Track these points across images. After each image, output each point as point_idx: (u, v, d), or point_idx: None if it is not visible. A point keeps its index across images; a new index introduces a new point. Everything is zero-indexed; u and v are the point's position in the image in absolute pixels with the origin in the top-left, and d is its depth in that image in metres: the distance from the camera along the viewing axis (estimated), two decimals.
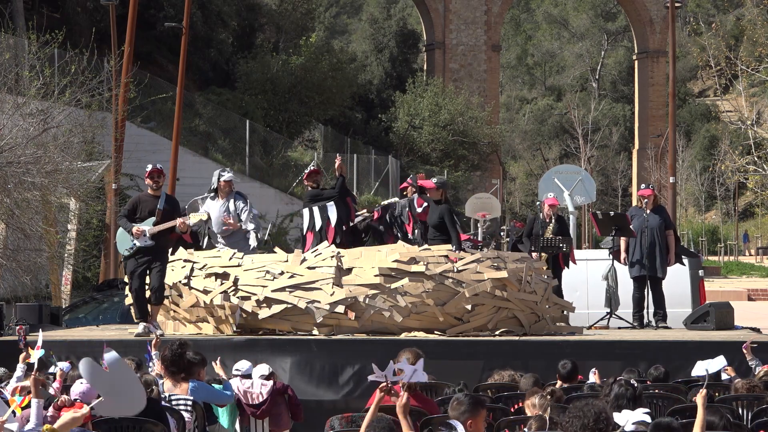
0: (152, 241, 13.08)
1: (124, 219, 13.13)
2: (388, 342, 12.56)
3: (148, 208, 13.19)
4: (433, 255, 13.44)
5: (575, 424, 6.56)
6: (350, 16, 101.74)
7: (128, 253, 13.09)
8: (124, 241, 13.16)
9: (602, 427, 6.58)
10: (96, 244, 27.01)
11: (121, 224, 13.13)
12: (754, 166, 31.54)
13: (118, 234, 13.28)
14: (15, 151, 18.97)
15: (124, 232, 13.15)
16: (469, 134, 52.98)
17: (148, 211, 13.16)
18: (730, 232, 71.93)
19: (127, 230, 13.05)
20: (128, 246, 13.06)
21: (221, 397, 9.54)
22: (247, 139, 40.54)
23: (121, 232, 13.21)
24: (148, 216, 13.13)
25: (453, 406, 6.97)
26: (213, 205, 14.63)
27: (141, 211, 13.20)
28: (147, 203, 13.24)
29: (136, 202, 13.32)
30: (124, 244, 13.16)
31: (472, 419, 6.87)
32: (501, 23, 62.91)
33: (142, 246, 13.02)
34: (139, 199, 13.33)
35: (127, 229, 13.06)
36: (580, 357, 11.84)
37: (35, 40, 21.91)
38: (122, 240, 13.17)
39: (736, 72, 36.65)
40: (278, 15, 51.90)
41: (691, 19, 73.33)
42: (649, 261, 15.57)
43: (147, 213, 13.16)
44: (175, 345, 9.36)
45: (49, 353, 10.13)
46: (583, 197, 32.97)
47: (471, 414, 6.87)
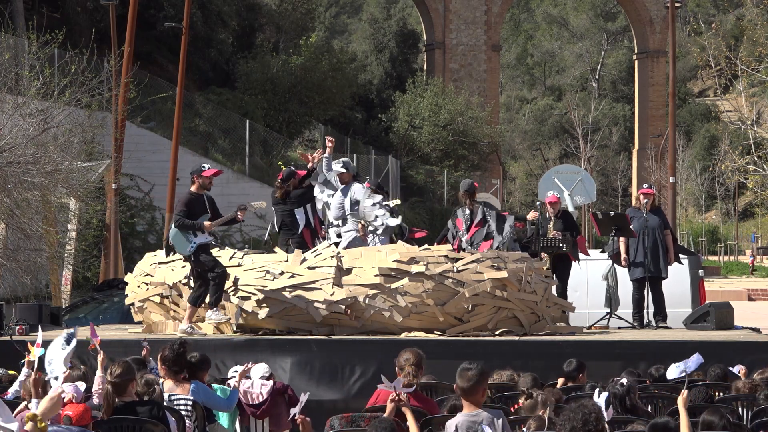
0: (211, 236, 13.10)
1: (185, 219, 12.95)
2: (388, 342, 12.57)
3: (199, 206, 13.13)
4: (433, 255, 13.44)
5: (566, 426, 6.59)
6: (350, 16, 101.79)
7: (190, 251, 12.96)
8: (181, 242, 13.01)
9: (590, 429, 6.59)
10: (96, 244, 27.00)
11: (185, 225, 12.94)
12: (754, 166, 31.55)
13: (173, 235, 13.12)
14: (15, 151, 18.97)
15: (179, 233, 13.00)
16: (469, 134, 52.99)
17: (200, 210, 13.10)
18: (730, 232, 71.93)
19: (198, 227, 12.90)
20: (189, 245, 12.96)
21: (220, 404, 9.51)
22: (247, 139, 40.55)
23: (175, 233, 13.04)
24: (201, 214, 13.08)
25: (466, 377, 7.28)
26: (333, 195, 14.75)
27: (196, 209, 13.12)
28: (198, 202, 13.16)
29: (190, 202, 13.16)
30: (182, 244, 13.00)
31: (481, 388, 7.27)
32: (501, 23, 62.93)
33: (202, 243, 12.96)
34: (190, 199, 13.22)
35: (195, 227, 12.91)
36: (580, 357, 11.84)
37: (35, 40, 21.91)
38: (179, 241, 13.02)
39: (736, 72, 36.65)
40: (278, 15, 51.90)
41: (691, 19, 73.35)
42: (653, 262, 15.56)
43: (200, 211, 13.09)
44: (176, 344, 9.35)
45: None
46: (583, 197, 32.97)
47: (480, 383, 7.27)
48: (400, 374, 9.01)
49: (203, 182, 13.19)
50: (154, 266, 14.23)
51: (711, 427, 7.62)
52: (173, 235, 13.08)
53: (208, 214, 13.09)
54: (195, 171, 13.27)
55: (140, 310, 14.29)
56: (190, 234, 12.93)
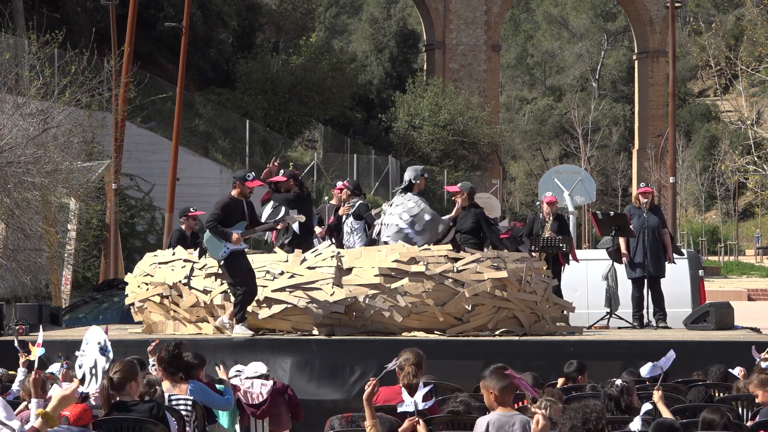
0: (245, 244, 13.07)
1: (218, 225, 12.88)
2: (388, 342, 12.57)
3: (238, 212, 13.08)
4: (433, 255, 13.44)
5: (566, 425, 6.60)
6: (350, 16, 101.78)
7: (223, 256, 12.90)
8: (215, 246, 12.95)
9: (590, 428, 6.60)
10: (96, 244, 27.01)
11: (215, 231, 12.86)
12: (754, 166, 31.55)
13: (206, 239, 13.07)
14: (15, 151, 18.97)
15: (213, 238, 12.95)
16: (469, 134, 52.99)
17: (239, 216, 13.05)
18: (730, 232, 71.91)
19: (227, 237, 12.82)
20: (221, 251, 12.90)
21: (219, 402, 9.52)
22: (247, 139, 40.55)
23: (209, 238, 12.99)
24: (239, 220, 13.03)
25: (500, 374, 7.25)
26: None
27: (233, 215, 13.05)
28: (237, 207, 13.11)
29: (227, 207, 13.10)
30: (216, 249, 12.95)
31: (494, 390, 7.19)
32: (501, 23, 62.93)
33: (235, 249, 12.89)
34: (228, 204, 13.17)
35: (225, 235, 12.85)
36: (580, 357, 11.84)
37: (35, 40, 21.91)
38: (212, 245, 12.97)
39: (736, 72, 36.65)
40: (278, 15, 51.90)
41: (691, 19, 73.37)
42: (652, 261, 15.57)
43: (238, 217, 13.04)
44: (171, 346, 9.35)
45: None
46: (583, 197, 32.97)
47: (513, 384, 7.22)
48: (400, 374, 9.02)
49: (243, 190, 13.10)
50: (154, 266, 14.23)
51: (712, 426, 7.61)
52: (207, 239, 13.05)
53: (245, 221, 13.05)
54: (239, 177, 13.14)
55: (140, 310, 14.29)
56: (224, 240, 12.88)
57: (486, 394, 7.24)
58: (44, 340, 8.02)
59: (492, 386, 7.20)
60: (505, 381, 7.21)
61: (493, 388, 7.19)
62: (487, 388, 7.23)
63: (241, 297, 12.90)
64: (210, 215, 13.04)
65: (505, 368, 7.30)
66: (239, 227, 12.97)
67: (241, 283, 12.88)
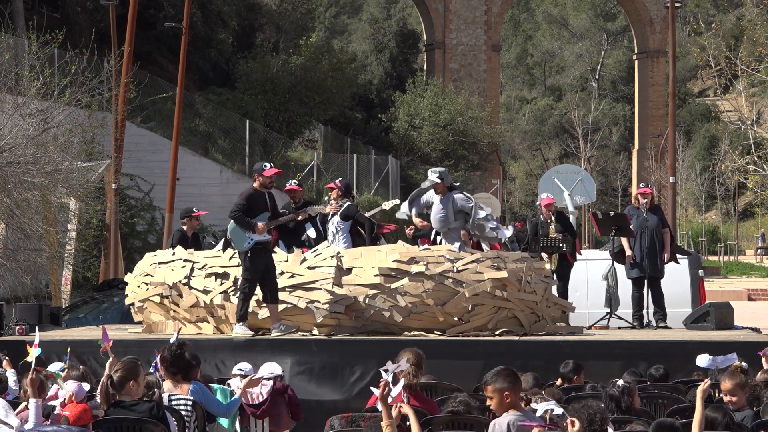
0: (269, 235, 13.05)
1: (242, 216, 12.93)
2: (388, 342, 12.56)
3: (261, 203, 13.10)
4: (433, 255, 13.44)
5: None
6: (350, 16, 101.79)
7: (247, 247, 12.89)
8: (240, 237, 12.96)
9: (596, 429, 6.59)
10: (96, 244, 27.01)
11: (240, 221, 12.91)
12: (754, 166, 31.54)
13: (231, 230, 13.10)
14: (15, 151, 18.97)
15: (237, 228, 12.97)
16: (469, 134, 52.98)
17: (262, 207, 13.07)
18: (730, 232, 71.90)
19: (251, 227, 12.83)
20: (246, 241, 12.89)
21: (219, 409, 9.48)
22: (247, 139, 40.55)
23: (233, 228, 13.02)
24: (262, 211, 13.04)
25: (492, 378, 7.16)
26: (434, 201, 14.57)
27: (256, 206, 13.07)
28: (259, 199, 13.13)
29: (250, 198, 13.12)
30: (240, 239, 12.95)
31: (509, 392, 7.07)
32: (501, 23, 62.91)
33: (259, 240, 12.89)
34: (251, 195, 13.19)
35: (248, 226, 12.86)
36: (580, 357, 11.84)
37: (35, 40, 21.90)
38: (237, 235, 12.98)
39: (736, 72, 36.64)
40: (278, 15, 51.89)
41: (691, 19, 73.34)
42: (650, 261, 15.58)
43: (261, 208, 13.06)
44: (174, 346, 9.34)
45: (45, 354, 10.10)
46: (583, 197, 32.98)
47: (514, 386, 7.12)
48: (401, 374, 9.02)
49: (263, 181, 13.16)
50: (154, 266, 14.23)
51: (713, 425, 7.60)
52: (231, 229, 13.07)
53: (268, 212, 13.08)
54: (256, 169, 13.24)
55: (140, 310, 14.29)
56: (248, 231, 12.90)
57: (498, 397, 7.07)
58: (44, 340, 8.02)
59: (506, 387, 7.06)
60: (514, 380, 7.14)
61: (508, 389, 7.06)
62: (501, 390, 7.06)
63: (244, 294, 12.90)
64: (234, 205, 13.09)
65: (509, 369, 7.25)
66: (262, 218, 12.98)
67: (250, 280, 12.86)
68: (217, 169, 38.30)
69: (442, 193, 14.36)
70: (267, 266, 12.98)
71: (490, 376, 7.18)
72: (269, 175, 13.14)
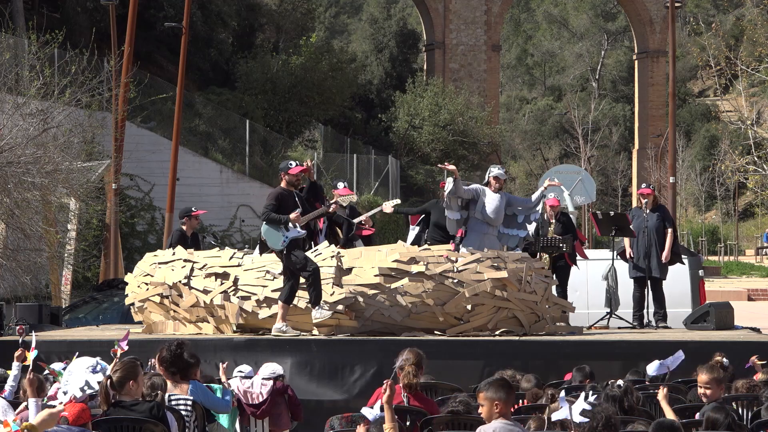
0: (303, 231, 13.01)
1: (273, 214, 12.91)
2: (388, 342, 12.57)
3: (290, 201, 13.08)
4: (433, 255, 13.44)
5: (584, 425, 6.59)
6: (350, 16, 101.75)
7: (283, 246, 12.88)
8: (274, 237, 12.95)
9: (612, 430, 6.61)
10: (96, 244, 27.01)
11: (272, 219, 12.89)
12: (754, 166, 31.56)
13: (264, 231, 13.08)
14: (15, 151, 18.97)
15: (270, 228, 12.97)
16: (469, 134, 52.97)
17: (291, 205, 13.04)
18: (730, 232, 71.89)
19: (283, 222, 12.84)
20: (281, 240, 12.87)
21: (219, 404, 9.51)
22: (247, 139, 40.56)
23: (266, 229, 13.00)
24: (293, 209, 13.00)
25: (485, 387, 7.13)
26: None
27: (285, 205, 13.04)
28: (289, 198, 13.12)
29: (279, 197, 13.10)
30: (275, 239, 12.94)
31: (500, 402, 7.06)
32: (501, 23, 62.90)
33: (294, 237, 12.88)
34: (280, 194, 13.16)
35: (282, 221, 12.85)
36: (580, 357, 11.85)
37: (35, 40, 21.91)
38: (271, 235, 12.97)
39: (736, 72, 36.66)
40: (278, 15, 51.89)
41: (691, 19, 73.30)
42: (647, 262, 15.58)
43: (291, 207, 13.03)
44: (174, 345, 9.34)
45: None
46: (583, 197, 32.98)
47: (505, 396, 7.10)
48: (400, 374, 9.02)
49: (290, 179, 13.16)
50: (154, 266, 14.23)
51: (715, 426, 7.60)
52: (265, 231, 13.05)
53: (299, 209, 13.04)
54: (282, 168, 13.25)
55: (140, 310, 14.29)
56: (281, 228, 12.87)
57: (488, 405, 7.09)
58: (45, 340, 8.02)
59: (497, 397, 7.07)
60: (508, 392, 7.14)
61: (499, 399, 7.07)
62: (491, 399, 7.08)
63: (311, 280, 12.82)
64: (264, 207, 13.10)
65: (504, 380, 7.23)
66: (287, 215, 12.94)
67: (305, 267, 12.80)
68: (217, 169, 38.31)
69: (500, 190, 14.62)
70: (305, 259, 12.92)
71: (484, 384, 7.22)
72: (295, 173, 13.13)
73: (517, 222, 14.78)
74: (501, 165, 15.16)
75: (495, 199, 14.51)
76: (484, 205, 14.47)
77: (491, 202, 14.49)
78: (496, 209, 14.46)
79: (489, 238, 14.40)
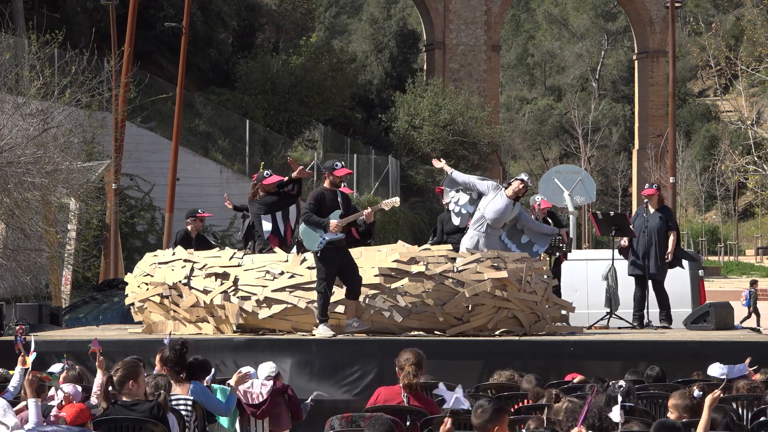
0: (342, 233, 12.95)
1: (312, 215, 12.87)
2: (388, 342, 12.57)
3: (332, 201, 13.04)
4: (433, 255, 13.44)
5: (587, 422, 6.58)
6: (350, 16, 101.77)
7: (318, 248, 12.83)
8: (311, 237, 12.91)
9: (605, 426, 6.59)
10: (96, 244, 27.02)
11: (311, 221, 12.87)
12: (754, 166, 31.57)
13: (302, 231, 13.05)
14: (15, 151, 18.98)
15: (308, 229, 12.92)
16: (469, 134, 52.96)
17: (333, 205, 12.99)
18: (730, 232, 71.90)
19: (322, 225, 12.83)
20: (318, 241, 12.83)
21: (219, 408, 9.49)
22: (247, 139, 40.56)
23: (304, 230, 12.97)
24: (333, 210, 12.96)
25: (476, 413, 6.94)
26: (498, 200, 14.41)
27: (326, 205, 13.01)
28: (329, 197, 13.07)
29: (320, 197, 13.09)
30: (312, 240, 12.90)
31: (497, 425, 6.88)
32: (501, 23, 62.91)
33: (332, 239, 12.83)
34: (322, 194, 13.13)
35: (321, 224, 12.82)
36: (580, 357, 11.85)
37: (35, 40, 21.91)
38: (308, 236, 12.93)
39: (736, 72, 36.66)
40: (278, 15, 51.89)
41: (691, 19, 73.38)
42: (646, 262, 15.58)
43: (332, 207, 12.99)
44: (178, 345, 9.34)
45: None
46: (583, 197, 32.92)
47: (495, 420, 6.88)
48: (400, 374, 9.02)
49: (334, 180, 13.12)
50: (154, 266, 14.22)
51: (714, 426, 7.60)
52: (302, 231, 13.02)
53: (339, 210, 12.99)
54: (327, 168, 13.19)
55: (140, 310, 14.28)
56: (319, 230, 12.87)
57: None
58: (45, 340, 8.04)
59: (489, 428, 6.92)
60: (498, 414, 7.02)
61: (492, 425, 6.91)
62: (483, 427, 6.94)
63: (320, 294, 12.80)
64: (304, 208, 13.07)
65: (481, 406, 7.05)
66: (333, 217, 12.90)
67: (324, 279, 12.75)
68: (217, 169, 38.31)
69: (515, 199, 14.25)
70: (342, 264, 12.85)
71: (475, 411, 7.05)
72: (340, 175, 13.09)
73: (520, 241, 14.43)
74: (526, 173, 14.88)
75: (502, 203, 14.11)
76: (489, 203, 14.26)
77: (497, 204, 14.12)
78: (498, 212, 14.07)
79: (489, 237, 14.16)
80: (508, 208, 14.13)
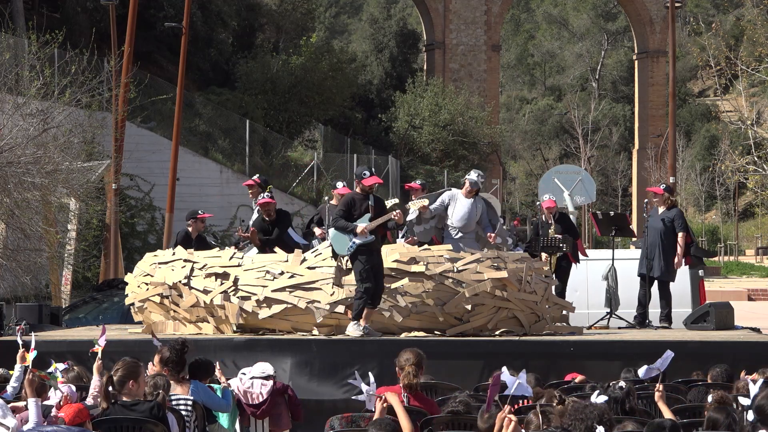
0: (372, 236, 12.96)
1: (341, 220, 12.95)
2: (388, 342, 12.57)
3: (362, 206, 13.10)
4: (433, 255, 13.45)
5: (578, 426, 6.56)
6: (350, 16, 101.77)
7: (348, 252, 12.88)
8: (341, 242, 12.96)
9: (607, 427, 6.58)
10: (96, 244, 27.01)
11: (340, 226, 12.93)
12: (754, 166, 31.56)
13: (332, 236, 13.13)
14: (15, 151, 18.97)
15: (338, 233, 12.99)
16: (469, 134, 52.95)
17: (363, 210, 13.05)
18: (730, 232, 71.89)
19: (350, 230, 12.88)
20: (347, 246, 12.88)
21: (219, 404, 9.51)
22: (247, 139, 40.55)
23: (334, 234, 13.05)
24: (364, 214, 13.02)
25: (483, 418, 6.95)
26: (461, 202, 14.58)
27: (356, 210, 13.07)
28: (360, 202, 13.13)
29: (351, 202, 13.15)
30: (342, 244, 12.95)
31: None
32: (501, 23, 62.89)
33: (362, 243, 12.86)
34: (352, 199, 13.19)
35: (349, 229, 12.89)
36: (580, 357, 11.84)
37: (35, 40, 21.90)
38: (338, 241, 12.99)
39: (736, 72, 36.66)
40: (278, 15, 51.88)
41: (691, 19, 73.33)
42: (649, 261, 15.58)
43: (363, 211, 13.04)
44: (178, 344, 9.35)
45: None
46: (583, 197, 33.00)
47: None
48: (400, 374, 9.02)
49: (363, 188, 13.19)
50: (154, 266, 14.23)
51: (715, 426, 7.59)
52: (333, 236, 13.10)
53: (369, 214, 13.02)
54: (357, 174, 13.32)
55: (140, 310, 14.29)
56: (349, 234, 12.89)
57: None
58: (45, 340, 8.03)
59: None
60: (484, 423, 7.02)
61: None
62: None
63: (361, 294, 12.81)
64: (335, 213, 13.19)
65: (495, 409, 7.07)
66: (363, 221, 12.94)
67: (364, 280, 12.78)
68: (217, 169, 38.30)
69: (473, 196, 14.53)
70: (373, 264, 12.88)
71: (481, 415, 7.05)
72: (368, 184, 13.14)
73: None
74: (481, 172, 15.03)
75: (465, 205, 14.44)
76: (453, 212, 14.46)
77: (461, 209, 14.45)
78: (464, 216, 14.39)
79: (465, 240, 14.35)
80: (472, 209, 14.46)
